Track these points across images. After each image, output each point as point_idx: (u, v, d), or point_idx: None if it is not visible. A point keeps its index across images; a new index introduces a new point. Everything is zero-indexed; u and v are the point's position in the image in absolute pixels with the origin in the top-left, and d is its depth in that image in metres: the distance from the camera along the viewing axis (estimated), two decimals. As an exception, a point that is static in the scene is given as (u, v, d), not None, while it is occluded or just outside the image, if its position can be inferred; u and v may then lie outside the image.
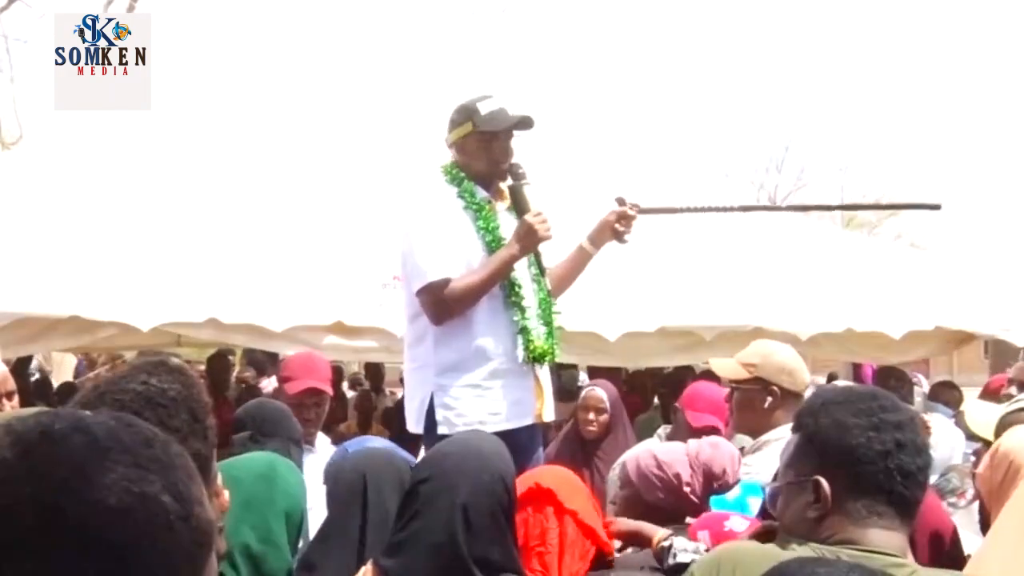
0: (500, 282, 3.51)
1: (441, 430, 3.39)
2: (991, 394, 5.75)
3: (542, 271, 3.65)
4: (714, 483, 2.80)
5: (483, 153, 3.57)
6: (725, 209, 4.38)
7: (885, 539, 1.74)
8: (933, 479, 3.40)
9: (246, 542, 2.34)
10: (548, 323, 3.61)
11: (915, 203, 3.77)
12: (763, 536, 2.03)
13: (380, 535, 2.37)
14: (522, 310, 3.52)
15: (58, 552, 0.83)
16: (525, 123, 3.56)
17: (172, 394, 1.60)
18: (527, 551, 2.43)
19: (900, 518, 1.78)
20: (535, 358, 3.52)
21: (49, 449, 0.87)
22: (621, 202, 3.68)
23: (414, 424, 3.57)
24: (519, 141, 3.62)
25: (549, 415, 3.65)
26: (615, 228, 3.65)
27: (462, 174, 3.58)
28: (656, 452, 2.90)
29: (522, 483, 2.48)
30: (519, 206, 3.55)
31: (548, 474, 2.65)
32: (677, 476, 2.77)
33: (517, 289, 3.53)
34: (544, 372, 3.61)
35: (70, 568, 0.83)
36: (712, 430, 3.93)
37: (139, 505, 0.86)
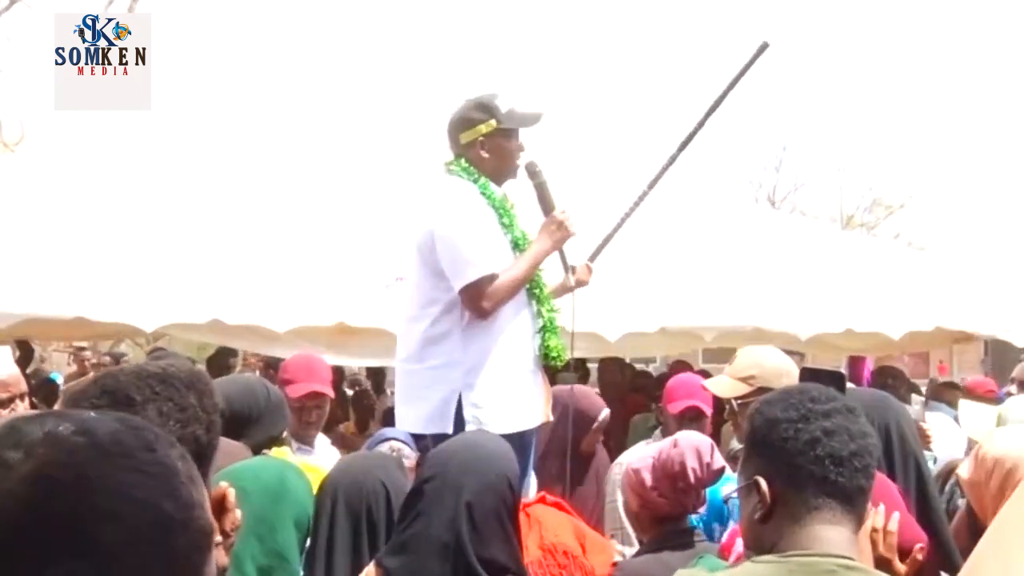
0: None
1: (469, 428, 3.28)
2: (976, 397, 5.74)
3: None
4: (678, 482, 2.80)
5: (502, 150, 3.57)
6: (642, 197, 4.15)
7: (830, 535, 1.72)
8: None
9: (255, 555, 2.35)
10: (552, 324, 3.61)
11: (748, 62, 3.48)
12: None
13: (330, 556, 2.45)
14: (544, 305, 3.56)
15: (56, 556, 0.83)
16: (537, 118, 3.61)
17: (184, 378, 1.65)
18: None
19: (842, 509, 1.75)
20: (549, 358, 3.54)
21: (51, 452, 0.87)
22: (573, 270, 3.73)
23: (429, 424, 3.42)
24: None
25: (550, 415, 3.68)
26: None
27: (476, 171, 3.54)
28: (631, 461, 2.98)
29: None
30: (545, 203, 3.57)
31: (563, 528, 2.68)
32: (643, 483, 2.84)
33: (541, 288, 3.56)
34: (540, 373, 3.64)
35: (68, 572, 0.83)
36: (692, 409, 3.99)
37: (138, 510, 0.86)
